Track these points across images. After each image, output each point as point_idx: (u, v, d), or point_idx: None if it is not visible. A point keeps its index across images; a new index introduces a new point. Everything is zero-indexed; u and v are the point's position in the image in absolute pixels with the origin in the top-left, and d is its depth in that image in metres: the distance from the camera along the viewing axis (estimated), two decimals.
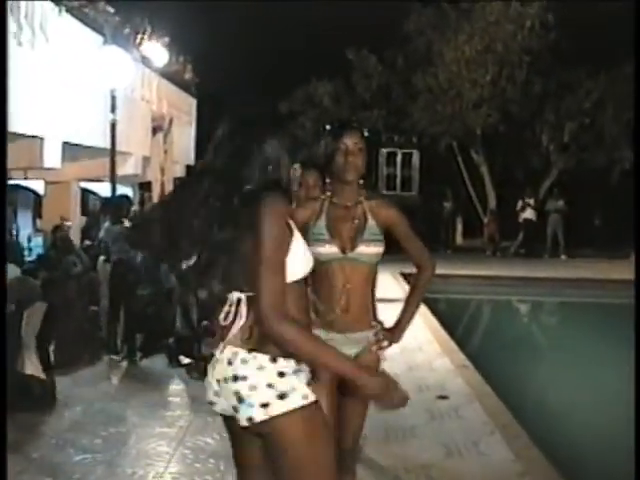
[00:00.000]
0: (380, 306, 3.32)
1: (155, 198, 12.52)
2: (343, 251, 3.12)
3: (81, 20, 9.75)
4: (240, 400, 2.23)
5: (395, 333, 3.40)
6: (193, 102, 16.85)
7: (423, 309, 10.97)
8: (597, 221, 21.21)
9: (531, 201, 20.15)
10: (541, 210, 19.93)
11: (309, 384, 2.31)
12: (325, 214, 3.18)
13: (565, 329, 12.62)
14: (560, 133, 19.81)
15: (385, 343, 3.32)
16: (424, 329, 9.57)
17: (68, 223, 10.14)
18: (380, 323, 3.33)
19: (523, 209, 20.14)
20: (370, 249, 3.15)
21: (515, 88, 19.41)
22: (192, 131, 16.94)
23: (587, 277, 15.13)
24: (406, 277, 13.94)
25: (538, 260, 18.34)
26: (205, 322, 7.12)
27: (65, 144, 9.05)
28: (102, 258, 8.35)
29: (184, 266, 2.37)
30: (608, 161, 19.66)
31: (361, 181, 3.26)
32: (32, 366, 5.95)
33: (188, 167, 16.37)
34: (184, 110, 15.78)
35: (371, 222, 3.21)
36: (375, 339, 3.27)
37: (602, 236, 19.56)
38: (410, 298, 3.54)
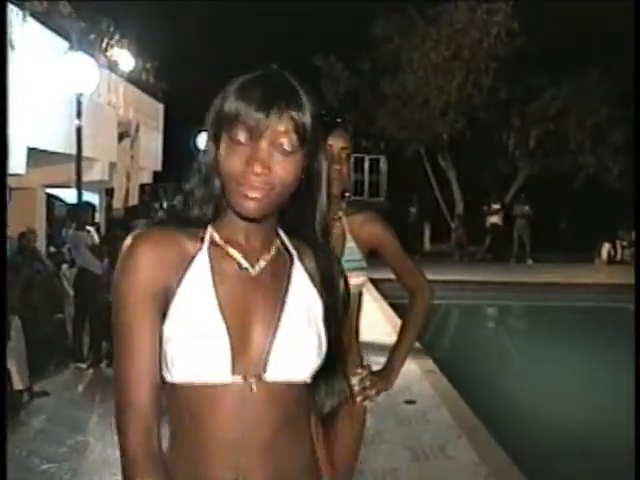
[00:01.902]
0: None
1: (117, 204, 12.42)
2: None
3: (46, 25, 9.66)
4: None
5: (385, 378, 2.70)
6: (160, 107, 16.76)
7: (390, 313, 11.04)
8: (562, 226, 21.47)
9: (497, 206, 20.34)
10: (508, 215, 20.12)
11: None
12: None
13: (532, 333, 12.74)
14: (526, 139, 20.01)
15: (372, 391, 2.63)
16: (391, 334, 9.60)
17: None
18: (367, 367, 2.68)
19: (490, 214, 20.34)
20: (353, 280, 2.01)
21: (481, 94, 19.57)
22: (159, 137, 16.85)
23: (553, 281, 15.31)
24: (375, 283, 13.99)
25: (505, 264, 18.50)
26: None
27: (30, 150, 8.95)
28: (65, 265, 8.28)
29: None
30: (573, 167, 19.91)
31: (347, 194, 2.57)
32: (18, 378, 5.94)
33: (155, 173, 16.29)
34: (151, 115, 15.69)
35: (350, 244, 2.56)
36: (360, 387, 2.58)
37: (567, 240, 19.79)
38: (404, 332, 2.81)
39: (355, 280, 2.26)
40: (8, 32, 7.84)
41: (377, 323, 10.46)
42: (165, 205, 17.03)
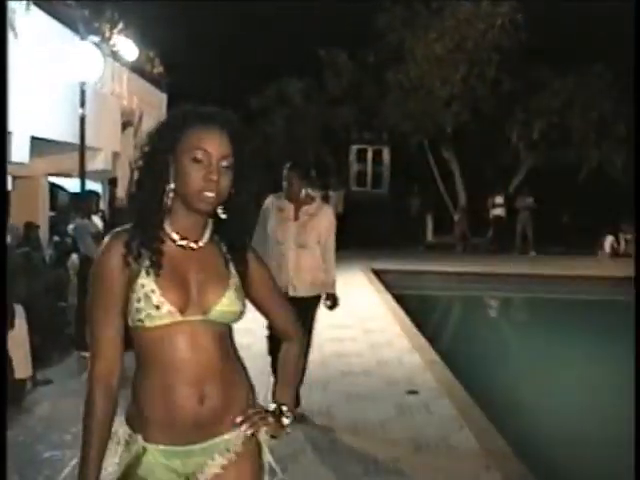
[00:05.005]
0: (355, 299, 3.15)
1: (120, 194, 12.43)
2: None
3: (50, 14, 9.65)
4: None
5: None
6: (163, 97, 16.75)
7: (393, 304, 11.05)
8: (565, 218, 21.44)
9: (500, 198, 20.32)
10: (511, 207, 20.10)
11: None
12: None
13: (534, 325, 12.75)
14: (529, 131, 19.98)
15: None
16: (394, 324, 9.63)
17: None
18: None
19: (493, 206, 20.33)
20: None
21: (485, 86, 19.54)
22: None
23: (555, 273, 15.31)
24: (378, 274, 14.01)
25: (507, 256, 18.50)
26: None
27: (33, 139, 8.96)
28: (75, 255, 8.28)
29: None
30: (576, 159, 19.89)
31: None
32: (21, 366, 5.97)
33: None
34: (154, 105, 15.67)
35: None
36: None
37: (570, 233, 19.76)
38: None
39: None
40: (11, 19, 7.83)
41: (379, 315, 10.47)
42: None
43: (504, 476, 4.64)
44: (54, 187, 12.35)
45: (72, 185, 11.76)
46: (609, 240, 19.25)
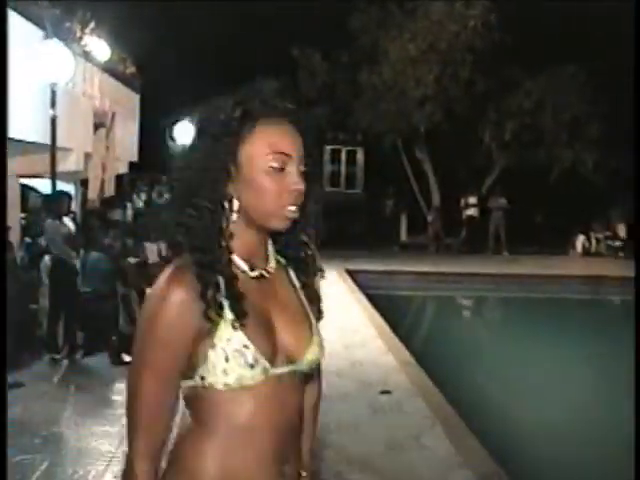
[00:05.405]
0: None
1: (91, 195, 12.34)
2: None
3: (20, 13, 9.56)
4: None
5: None
6: (136, 98, 16.66)
7: (367, 305, 11.08)
8: (538, 218, 21.63)
9: (474, 198, 20.44)
10: (484, 207, 20.23)
11: None
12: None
13: (508, 324, 12.84)
14: (502, 132, 20.12)
15: None
16: (368, 325, 9.65)
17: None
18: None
19: (466, 206, 20.45)
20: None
21: (458, 87, 19.64)
22: (135, 127, 16.74)
23: (528, 273, 15.43)
24: (352, 274, 14.04)
25: (481, 256, 18.62)
26: None
27: None
28: (47, 257, 8.21)
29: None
30: (548, 160, 20.06)
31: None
32: None
33: (131, 164, 16.22)
34: (127, 106, 15.58)
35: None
36: None
37: (543, 233, 19.95)
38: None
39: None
40: None
41: (354, 316, 10.50)
42: (142, 197, 16.91)
43: (476, 474, 4.67)
44: (25, 188, 12.24)
45: (43, 186, 11.65)
46: (580, 239, 19.47)
